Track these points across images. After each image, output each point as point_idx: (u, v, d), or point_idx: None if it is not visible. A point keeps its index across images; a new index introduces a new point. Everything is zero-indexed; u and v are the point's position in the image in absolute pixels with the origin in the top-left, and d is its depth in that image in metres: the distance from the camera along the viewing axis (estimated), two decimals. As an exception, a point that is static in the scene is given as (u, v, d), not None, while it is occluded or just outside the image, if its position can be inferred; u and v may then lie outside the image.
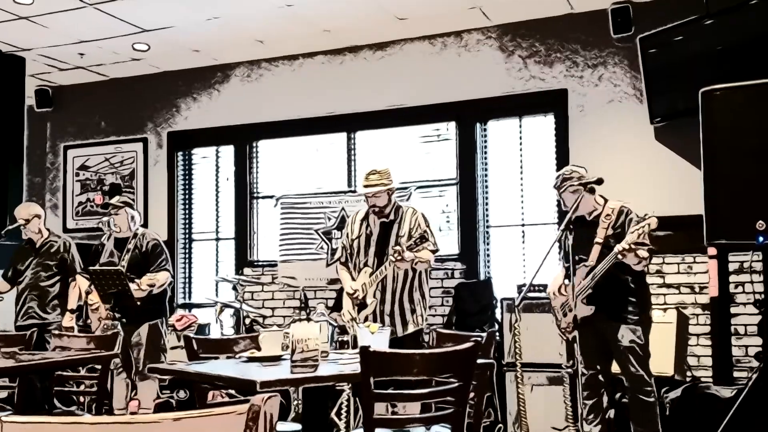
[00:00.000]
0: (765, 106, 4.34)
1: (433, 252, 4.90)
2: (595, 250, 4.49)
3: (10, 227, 6.07)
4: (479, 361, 2.89)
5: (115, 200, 5.85)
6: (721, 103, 4.43)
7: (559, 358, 5.54)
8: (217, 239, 8.06)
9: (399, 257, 4.64)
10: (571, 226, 4.50)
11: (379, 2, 6.31)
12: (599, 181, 4.52)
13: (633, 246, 4.24)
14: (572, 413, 5.36)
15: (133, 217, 5.78)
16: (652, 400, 4.48)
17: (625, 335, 4.45)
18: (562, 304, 4.64)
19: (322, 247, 7.14)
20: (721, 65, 5.47)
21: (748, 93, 4.42)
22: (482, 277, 6.83)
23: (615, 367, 4.65)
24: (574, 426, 5.27)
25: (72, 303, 5.93)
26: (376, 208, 4.96)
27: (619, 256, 4.28)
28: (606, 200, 4.63)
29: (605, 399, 4.61)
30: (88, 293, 5.70)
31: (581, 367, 4.58)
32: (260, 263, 7.69)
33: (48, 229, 6.16)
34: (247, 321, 6.68)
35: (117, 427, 1.33)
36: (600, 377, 4.59)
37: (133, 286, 5.41)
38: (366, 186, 4.94)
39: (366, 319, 4.76)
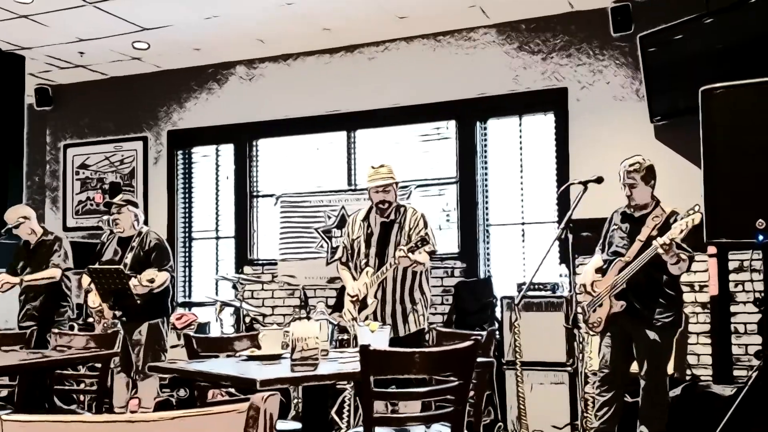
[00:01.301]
0: (765, 105, 4.34)
1: (431, 254, 4.86)
2: (635, 247, 4.45)
3: (9, 226, 6.06)
4: (479, 359, 2.89)
5: (117, 199, 5.79)
6: (721, 102, 4.43)
7: (560, 356, 5.54)
8: (217, 238, 8.06)
9: (403, 255, 4.61)
10: (624, 223, 4.51)
11: (378, 1, 6.30)
12: (599, 180, 4.51)
13: (673, 241, 4.19)
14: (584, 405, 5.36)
15: (136, 216, 5.72)
16: (665, 401, 4.48)
17: (649, 335, 4.43)
18: (592, 300, 4.61)
19: (322, 246, 7.14)
20: (721, 64, 5.47)
21: (748, 91, 4.42)
22: (482, 275, 6.83)
23: (633, 367, 4.64)
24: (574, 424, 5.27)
25: (28, 277, 5.81)
26: (384, 204, 4.89)
27: (659, 251, 4.21)
28: (658, 201, 4.58)
29: (620, 397, 4.60)
30: (87, 292, 5.68)
31: (600, 363, 4.57)
32: (260, 262, 7.69)
33: (43, 227, 6.12)
34: (247, 319, 6.68)
35: (117, 426, 1.33)
36: (619, 375, 4.56)
37: (133, 282, 5.40)
38: (376, 179, 4.87)
39: (366, 318, 4.75)
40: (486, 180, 6.99)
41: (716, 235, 4.46)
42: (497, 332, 5.89)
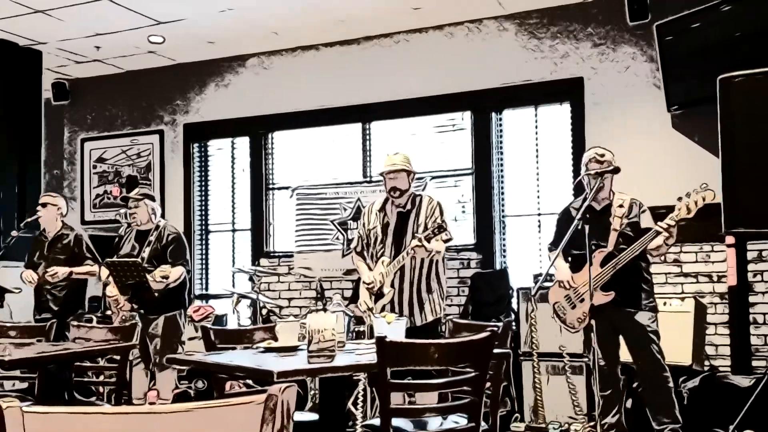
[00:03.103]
0: (784, 93, 4.30)
1: (446, 242, 4.87)
2: (612, 237, 4.48)
3: (28, 219, 6.10)
4: (495, 350, 2.89)
5: (133, 193, 5.83)
6: (740, 91, 4.39)
7: (577, 347, 5.53)
8: (234, 230, 8.09)
9: (420, 245, 4.61)
10: (587, 215, 4.50)
11: (393, -8, 6.29)
12: (615, 170, 4.51)
13: (676, 224, 4.24)
14: (579, 405, 5.35)
15: (153, 210, 5.76)
16: (670, 386, 4.47)
17: (644, 321, 4.45)
18: (568, 296, 4.60)
19: (337, 238, 7.15)
20: (739, 52, 5.41)
21: (766, 80, 4.37)
22: (498, 266, 6.82)
23: (623, 356, 4.64)
24: (586, 417, 5.26)
25: (66, 269, 5.86)
26: (396, 192, 4.90)
27: (664, 234, 4.26)
28: (614, 193, 4.64)
29: (621, 390, 4.59)
30: (106, 285, 5.72)
31: (599, 358, 4.56)
32: (276, 254, 7.71)
33: (63, 222, 6.17)
34: (264, 311, 6.71)
35: (136, 417, 1.34)
36: (613, 367, 4.57)
37: (150, 277, 5.43)
38: (388, 164, 4.93)
39: (383, 308, 4.76)
40: (502, 171, 6.96)
41: (735, 225, 4.43)
42: (513, 323, 5.88)
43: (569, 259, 4.68)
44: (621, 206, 4.55)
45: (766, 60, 4.65)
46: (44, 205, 6.00)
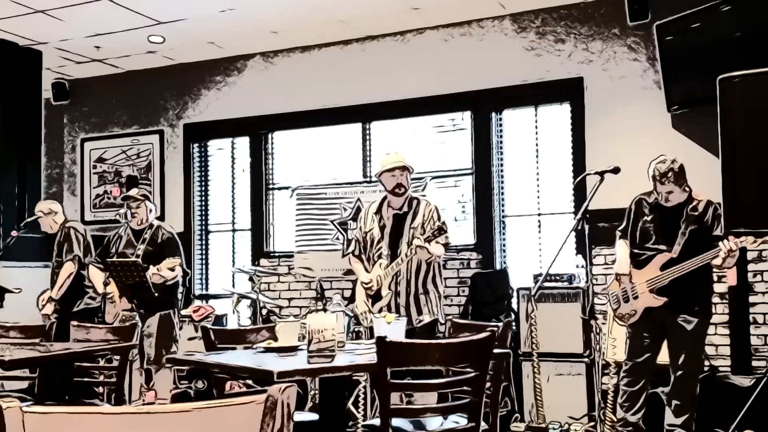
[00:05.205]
0: (784, 93, 4.29)
1: (445, 245, 4.87)
2: (680, 242, 4.42)
3: (28, 219, 6.13)
4: (495, 350, 2.89)
5: (134, 192, 5.89)
6: (740, 91, 4.39)
7: (577, 347, 5.53)
8: (234, 230, 8.09)
9: (420, 245, 4.62)
10: (655, 214, 4.48)
11: (393, -8, 6.29)
12: (616, 170, 4.49)
13: (737, 249, 4.17)
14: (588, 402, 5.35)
15: (151, 210, 5.89)
16: (696, 395, 4.46)
17: (688, 325, 4.41)
18: (624, 289, 4.57)
19: (337, 238, 7.15)
20: (739, 52, 5.41)
21: (766, 80, 4.37)
22: (498, 267, 6.82)
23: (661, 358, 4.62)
24: (592, 415, 5.26)
25: (55, 291, 5.87)
26: (401, 189, 4.88)
27: (725, 254, 4.17)
28: (691, 190, 4.52)
29: (647, 388, 4.58)
30: (106, 284, 5.73)
31: (629, 353, 4.55)
32: (276, 254, 7.71)
33: (64, 219, 6.18)
34: (264, 312, 6.71)
35: (136, 417, 1.34)
36: (649, 365, 4.55)
37: (152, 270, 5.47)
38: (391, 161, 4.90)
39: (380, 310, 4.75)
40: (502, 171, 6.96)
41: (735, 225, 4.42)
42: (513, 323, 5.88)
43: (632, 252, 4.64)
44: (694, 208, 4.44)
45: (766, 60, 4.65)
46: (45, 213, 6.04)
